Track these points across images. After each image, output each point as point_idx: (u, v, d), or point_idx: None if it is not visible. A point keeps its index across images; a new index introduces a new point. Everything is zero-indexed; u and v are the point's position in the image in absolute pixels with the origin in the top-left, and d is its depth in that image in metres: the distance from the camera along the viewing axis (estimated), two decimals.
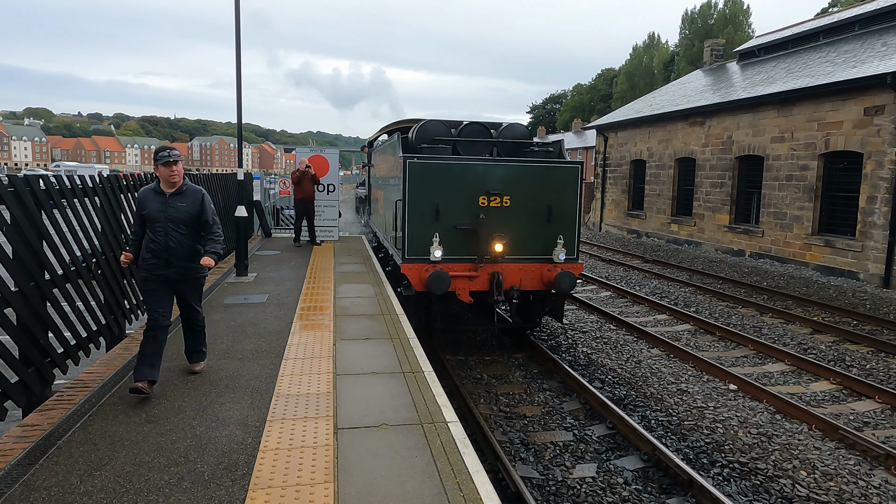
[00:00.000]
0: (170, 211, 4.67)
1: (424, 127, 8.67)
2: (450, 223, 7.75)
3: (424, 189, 7.67)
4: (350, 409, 4.43)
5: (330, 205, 14.58)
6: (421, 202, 7.69)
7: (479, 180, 7.80)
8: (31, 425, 4.04)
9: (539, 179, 8.03)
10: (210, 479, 3.41)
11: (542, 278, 8.02)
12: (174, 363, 5.34)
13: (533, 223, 8.05)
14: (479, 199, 7.81)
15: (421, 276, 7.49)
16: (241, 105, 9.74)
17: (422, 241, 7.70)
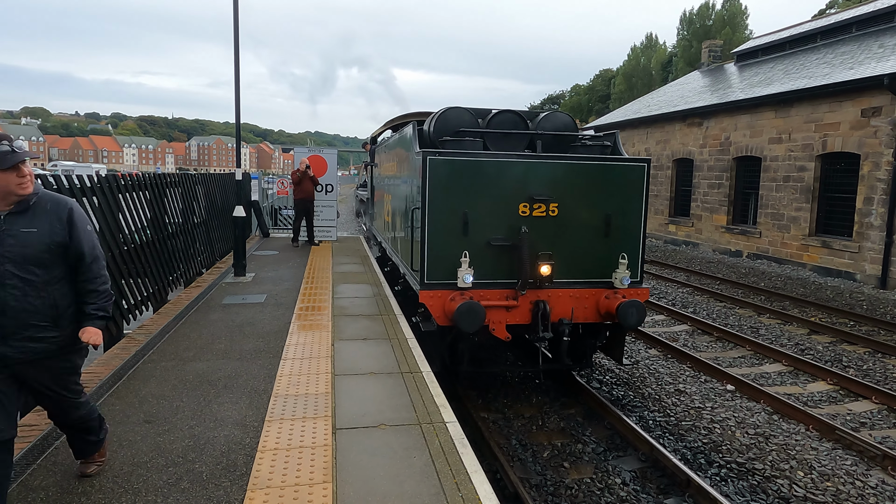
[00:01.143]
0: (6, 243, 2.84)
1: (445, 116, 7.06)
2: (482, 238, 6.14)
3: (449, 194, 6.04)
4: (348, 410, 4.44)
5: (328, 205, 14.57)
6: (445, 211, 6.05)
7: (519, 183, 6.19)
8: (28, 425, 4.03)
9: (595, 181, 6.42)
10: (208, 479, 3.41)
11: (598, 308, 6.43)
12: (171, 362, 5.33)
13: (587, 237, 6.46)
14: (520, 208, 6.20)
15: (446, 307, 5.98)
16: (239, 105, 9.73)
17: (446, 262, 6.07)
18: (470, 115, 7.17)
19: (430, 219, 6.06)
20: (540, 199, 6.22)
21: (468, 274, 5.94)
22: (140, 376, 5.00)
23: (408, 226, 7.04)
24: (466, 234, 6.12)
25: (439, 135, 6.90)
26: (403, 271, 7.83)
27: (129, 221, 6.75)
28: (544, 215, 6.28)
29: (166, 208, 8.22)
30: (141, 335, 6.15)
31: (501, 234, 6.21)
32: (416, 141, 6.82)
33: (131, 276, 6.59)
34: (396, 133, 9.55)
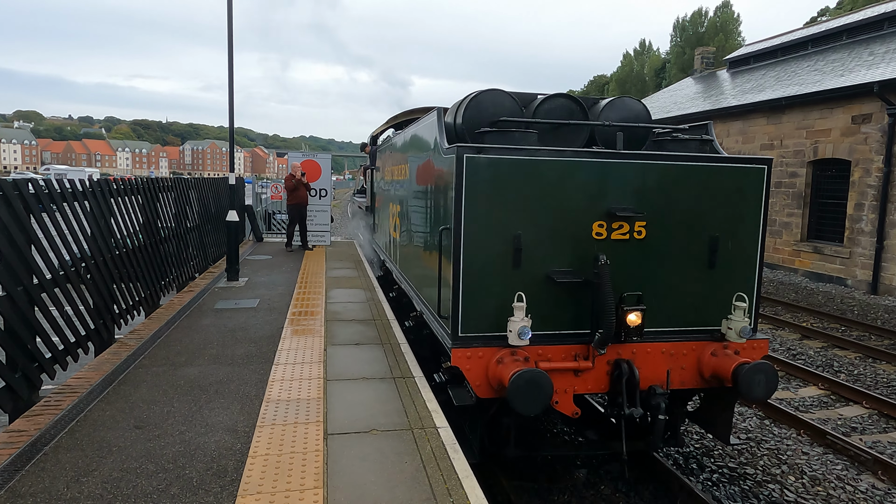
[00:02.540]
0: None
1: (479, 102, 5.50)
2: (540, 271, 4.51)
3: (496, 208, 4.41)
4: (340, 415, 4.43)
5: (322, 209, 14.56)
6: (489, 233, 4.42)
7: (594, 192, 4.56)
8: (17, 431, 4.00)
9: (698, 190, 4.74)
10: (198, 485, 3.40)
11: (701, 368, 4.78)
12: (162, 367, 5.31)
13: (686, 270, 4.80)
14: (594, 227, 4.55)
15: (490, 371, 4.37)
16: (233, 110, 9.73)
17: (490, 306, 4.47)
18: (511, 99, 5.51)
19: (467, 244, 4.37)
20: (623, 215, 4.54)
21: (524, 325, 4.21)
22: (131, 381, 4.97)
23: (431, 252, 5.33)
24: (519, 266, 4.45)
25: (472, 125, 5.36)
26: (419, 309, 6.09)
27: (121, 226, 6.72)
28: (627, 238, 4.61)
29: (159, 213, 8.19)
30: (132, 340, 6.12)
31: (568, 265, 4.56)
32: (439, 134, 5.18)
33: (123, 280, 6.56)
34: (404, 129, 8.12)
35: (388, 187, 9.55)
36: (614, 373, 4.58)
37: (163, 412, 4.37)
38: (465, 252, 4.40)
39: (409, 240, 6.95)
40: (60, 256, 5.16)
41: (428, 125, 5.76)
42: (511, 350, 4.34)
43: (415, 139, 6.72)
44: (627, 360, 4.55)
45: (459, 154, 4.33)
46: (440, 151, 5.09)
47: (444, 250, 4.72)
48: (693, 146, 5.25)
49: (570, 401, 4.55)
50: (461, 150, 4.34)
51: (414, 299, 6.56)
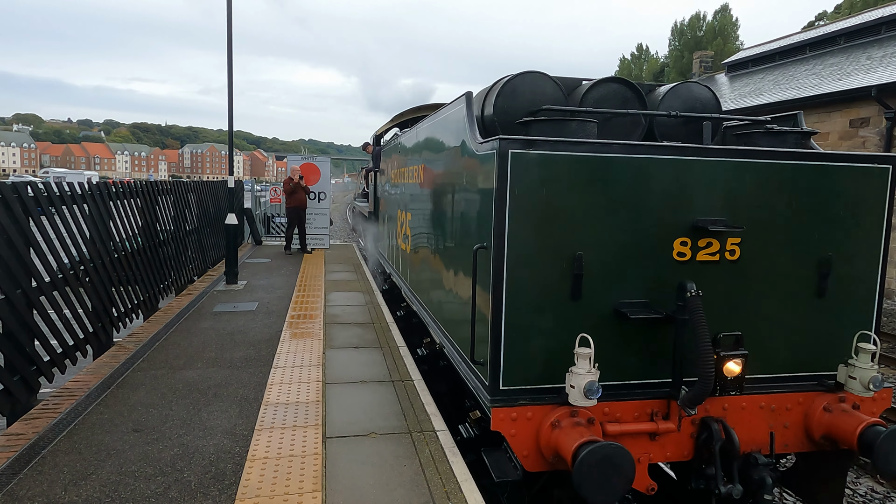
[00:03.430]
0: None
1: (515, 87, 4.50)
2: (606, 303, 3.62)
3: (549, 220, 3.52)
4: (339, 418, 4.42)
5: (321, 213, 14.57)
6: (540, 253, 3.53)
7: (676, 199, 3.65)
8: (15, 434, 4.00)
9: (804, 197, 3.79)
10: (197, 488, 3.39)
11: (810, 427, 3.86)
12: (161, 371, 5.30)
13: (790, 298, 3.86)
14: (676, 246, 3.65)
15: (544, 441, 3.48)
16: (232, 113, 9.73)
17: (541, 350, 3.59)
18: (553, 84, 4.54)
19: (512, 268, 3.47)
20: (715, 229, 3.60)
21: (592, 380, 3.28)
22: (129, 385, 4.97)
23: (459, 275, 4.47)
24: (578, 297, 3.55)
25: (505, 118, 4.41)
26: (438, 341, 5.25)
27: (120, 229, 6.72)
28: (716, 259, 3.70)
29: (158, 216, 8.19)
30: (131, 343, 6.12)
31: (642, 295, 3.64)
32: (473, 125, 4.21)
33: (122, 283, 6.55)
34: (414, 126, 7.13)
35: (394, 191, 8.63)
36: (701, 435, 3.63)
37: (161, 415, 4.37)
38: (509, 279, 3.46)
39: (425, 255, 5.91)
40: (59, 259, 5.15)
41: (452, 116, 4.82)
42: (570, 409, 3.44)
43: (432, 135, 5.75)
44: (718, 418, 3.62)
45: (502, 149, 3.39)
46: (471, 147, 4.07)
47: (480, 275, 3.69)
48: (792, 141, 4.14)
49: (644, 473, 3.55)
50: (504, 143, 3.40)
51: (431, 327, 5.56)
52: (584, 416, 3.46)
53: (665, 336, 3.66)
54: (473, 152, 4.05)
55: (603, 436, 3.45)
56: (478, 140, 3.98)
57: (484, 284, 3.65)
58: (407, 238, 7.19)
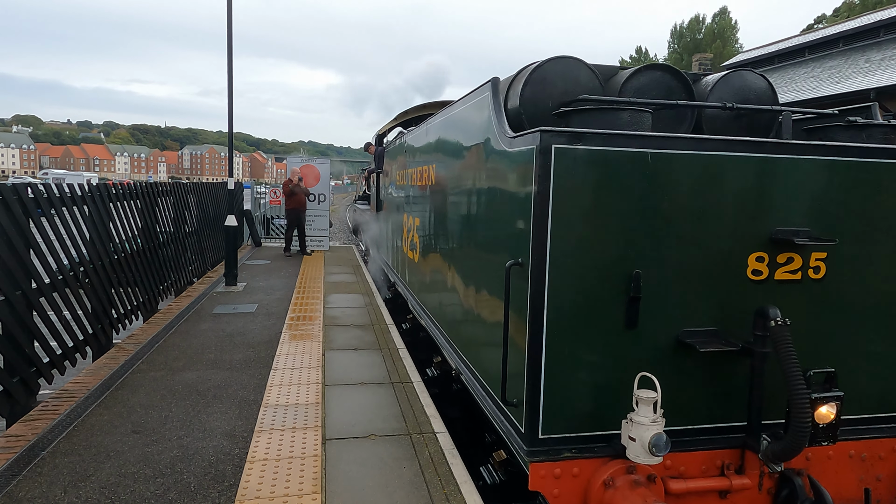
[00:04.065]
0: None
1: (545, 75, 3.83)
2: (667, 332, 3.11)
3: (601, 231, 3.02)
4: (338, 420, 4.42)
5: (321, 214, 14.58)
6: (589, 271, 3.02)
7: (750, 205, 3.13)
8: (14, 435, 4.00)
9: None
10: (196, 489, 3.39)
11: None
12: (160, 372, 5.30)
13: (885, 326, 3.35)
14: (750, 262, 3.14)
15: (592, 500, 3.00)
16: (232, 114, 9.74)
17: (588, 388, 3.08)
18: (589, 71, 3.90)
19: (555, 289, 2.94)
20: (800, 241, 3.05)
21: (657, 431, 2.75)
22: (129, 386, 4.97)
23: (483, 295, 3.92)
24: (634, 325, 3.01)
25: (533, 110, 3.77)
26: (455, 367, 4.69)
27: (119, 230, 6.73)
28: (798, 278, 3.16)
29: (157, 217, 8.19)
30: (130, 345, 6.12)
31: (710, 321, 3.12)
32: (500, 116, 3.66)
33: (121, 285, 6.55)
34: (424, 122, 6.48)
35: (399, 194, 8.01)
36: (782, 492, 3.09)
37: (161, 417, 4.37)
38: (551, 303, 2.92)
39: (437, 267, 5.37)
40: (59, 261, 5.16)
41: (472, 109, 4.27)
42: (626, 464, 2.91)
43: (447, 131, 5.17)
44: (801, 470, 3.08)
45: (544, 144, 2.84)
46: (500, 143, 3.53)
47: (514, 297, 3.13)
48: (878, 136, 3.60)
49: None
50: (547, 137, 2.85)
51: (444, 348, 5.03)
52: (644, 473, 2.91)
53: (739, 371, 3.11)
54: (502, 150, 3.47)
55: (665, 495, 2.97)
56: (508, 134, 3.40)
57: (519, 309, 3.08)
58: (414, 246, 6.60)
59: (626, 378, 2.94)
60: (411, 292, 6.91)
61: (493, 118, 3.71)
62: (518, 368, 3.11)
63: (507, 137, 3.42)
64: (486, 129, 3.85)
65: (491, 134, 3.74)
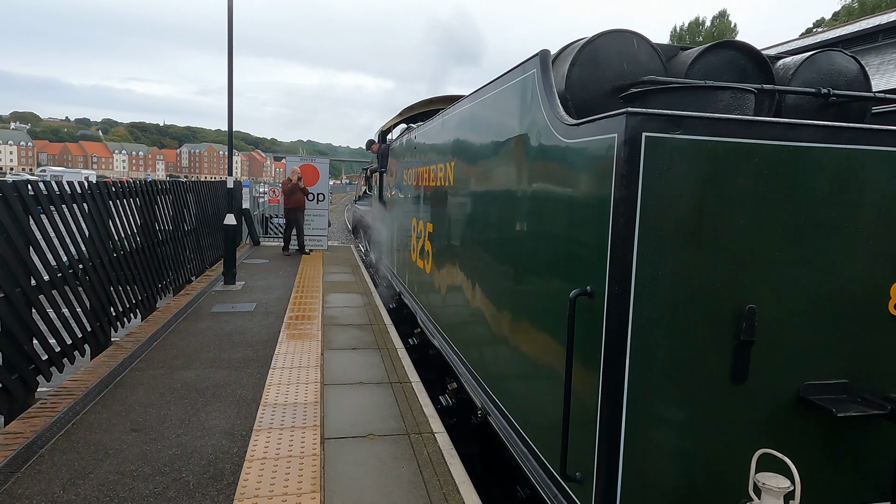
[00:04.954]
0: None
1: (598, 52, 3.16)
2: (786, 387, 2.42)
3: (699, 252, 2.29)
4: (337, 419, 4.43)
5: (319, 214, 14.58)
6: (687, 304, 2.31)
7: (892, 217, 2.41)
8: (13, 433, 3.99)
9: None
10: (195, 488, 3.39)
11: None
12: (159, 371, 5.30)
13: None
14: (893, 293, 2.44)
15: None
16: (231, 113, 9.74)
17: (683, 464, 2.38)
18: (649, 48, 3.25)
19: (639, 329, 2.30)
20: None
21: None
22: (127, 384, 4.97)
23: (529, 329, 3.22)
24: (744, 379, 2.38)
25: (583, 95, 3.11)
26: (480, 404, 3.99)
27: (118, 228, 6.72)
28: None
29: (157, 215, 8.19)
30: (129, 343, 6.11)
31: (839, 371, 2.48)
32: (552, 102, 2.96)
33: (120, 283, 6.55)
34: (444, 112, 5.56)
35: (407, 195, 7.34)
36: None
37: (159, 415, 4.37)
38: (634, 347, 2.25)
39: (458, 283, 4.67)
40: (58, 258, 5.15)
41: (511, 91, 3.54)
42: None
43: (472, 121, 4.44)
44: None
45: (632, 130, 2.16)
46: (552, 132, 2.87)
47: (581, 338, 2.45)
48: None
49: None
50: (636, 122, 2.16)
51: (465, 379, 4.34)
52: None
53: (882, 440, 2.45)
54: (557, 142, 2.80)
55: None
56: (566, 121, 2.71)
57: (588, 354, 2.40)
58: (425, 254, 5.88)
59: (733, 449, 2.33)
60: (420, 306, 6.20)
61: (543, 102, 3.00)
62: (584, 433, 2.41)
63: (565, 125, 2.73)
64: (531, 116, 3.17)
65: (538, 122, 3.04)
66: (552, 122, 2.89)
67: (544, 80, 3.05)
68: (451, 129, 5.16)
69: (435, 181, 5.67)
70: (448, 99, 9.20)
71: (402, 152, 8.25)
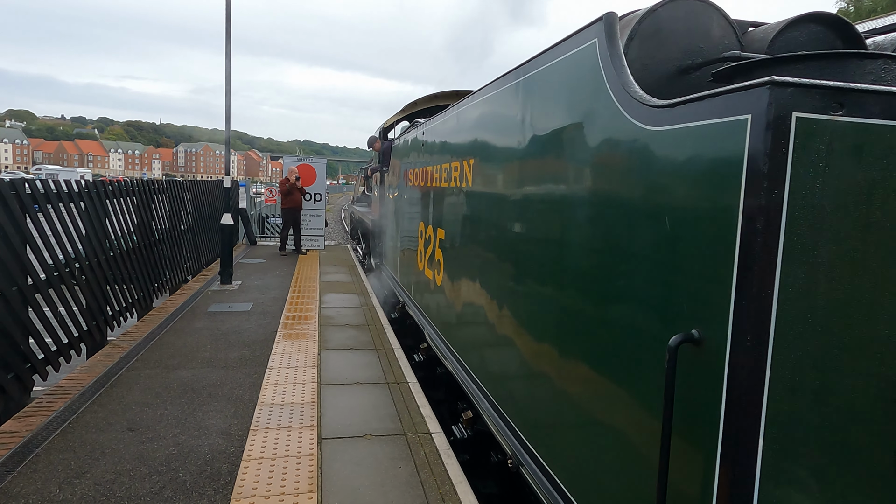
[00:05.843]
0: None
1: (658, 25, 2.58)
2: None
3: (874, 288, 1.59)
4: (334, 419, 4.43)
5: (316, 214, 14.57)
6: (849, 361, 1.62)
7: None
8: (9, 432, 3.98)
9: None
10: (192, 487, 3.39)
11: None
12: (155, 370, 5.29)
13: None
14: None
15: None
16: (229, 113, 9.73)
17: None
18: (722, 19, 2.73)
19: (777, 392, 1.61)
20: None
21: None
22: (124, 384, 4.96)
23: (594, 380, 2.50)
24: None
25: (644, 74, 2.55)
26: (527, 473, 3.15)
27: (115, 227, 6.71)
28: None
29: (153, 215, 8.17)
30: (125, 342, 6.10)
31: None
32: (621, 75, 2.34)
33: (116, 282, 6.54)
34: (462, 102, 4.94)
35: (414, 196, 6.79)
36: None
37: (156, 415, 4.36)
38: (771, 418, 1.63)
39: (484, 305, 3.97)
40: (55, 257, 5.14)
41: (561, 66, 2.91)
42: None
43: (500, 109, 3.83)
44: None
45: (778, 109, 1.55)
46: (623, 115, 2.27)
47: (683, 400, 1.84)
48: None
49: None
50: (782, 95, 1.55)
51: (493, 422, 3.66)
52: None
53: None
54: (635, 129, 2.18)
55: None
56: (650, 103, 2.09)
57: (697, 424, 1.79)
58: (436, 264, 5.35)
59: None
60: (428, 320, 5.65)
61: (610, 80, 2.38)
62: None
63: (649, 108, 2.09)
64: (592, 99, 2.53)
65: (602, 106, 2.43)
66: (625, 105, 2.26)
67: (611, 51, 2.38)
68: (470, 122, 4.57)
69: (447, 182, 5.11)
70: (454, 94, 8.91)
71: (406, 151, 7.71)
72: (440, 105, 7.87)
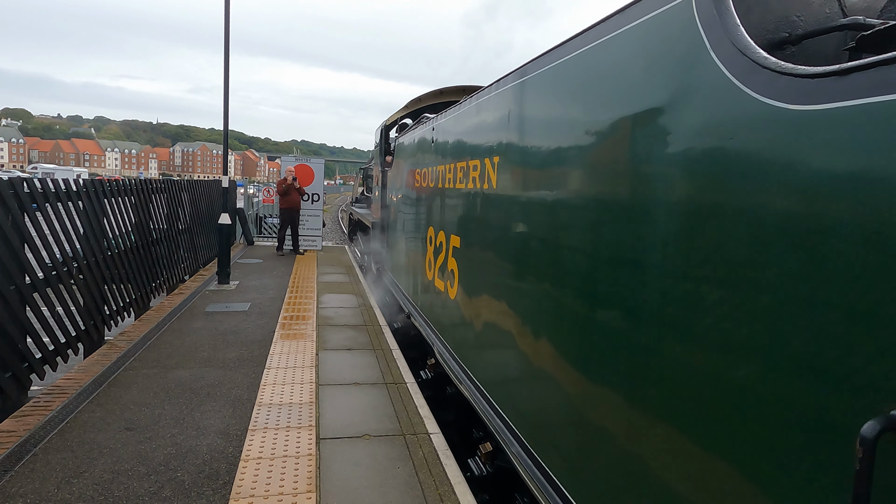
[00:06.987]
0: None
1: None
2: None
3: None
4: (332, 420, 4.43)
5: (314, 214, 14.56)
6: None
7: None
8: (6, 431, 3.97)
9: None
10: (191, 487, 3.39)
11: None
12: (153, 370, 5.29)
13: None
14: None
15: None
16: (227, 113, 9.73)
17: None
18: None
19: None
20: None
21: None
22: (121, 383, 4.95)
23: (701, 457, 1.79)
24: None
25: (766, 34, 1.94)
26: None
27: (113, 226, 6.69)
28: None
29: (151, 214, 8.16)
30: (122, 342, 6.09)
31: None
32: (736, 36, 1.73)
33: (114, 281, 6.52)
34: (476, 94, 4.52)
35: (420, 199, 6.36)
36: None
37: (154, 414, 4.36)
38: None
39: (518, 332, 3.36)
40: (53, 256, 5.13)
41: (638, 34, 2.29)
42: None
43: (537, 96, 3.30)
44: None
45: None
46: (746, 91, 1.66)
47: None
48: None
49: None
50: None
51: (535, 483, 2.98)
52: None
53: None
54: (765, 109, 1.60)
55: None
56: (793, 71, 1.53)
57: None
58: (449, 275, 4.88)
59: None
60: (439, 337, 5.18)
61: (716, 46, 1.81)
62: None
63: (790, 79, 1.53)
64: (688, 71, 1.95)
65: (707, 80, 1.84)
66: (743, 77, 1.67)
67: (720, 9, 1.81)
68: (495, 116, 3.95)
69: (463, 183, 4.54)
70: (462, 90, 8.43)
71: (412, 149, 7.10)
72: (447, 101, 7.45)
